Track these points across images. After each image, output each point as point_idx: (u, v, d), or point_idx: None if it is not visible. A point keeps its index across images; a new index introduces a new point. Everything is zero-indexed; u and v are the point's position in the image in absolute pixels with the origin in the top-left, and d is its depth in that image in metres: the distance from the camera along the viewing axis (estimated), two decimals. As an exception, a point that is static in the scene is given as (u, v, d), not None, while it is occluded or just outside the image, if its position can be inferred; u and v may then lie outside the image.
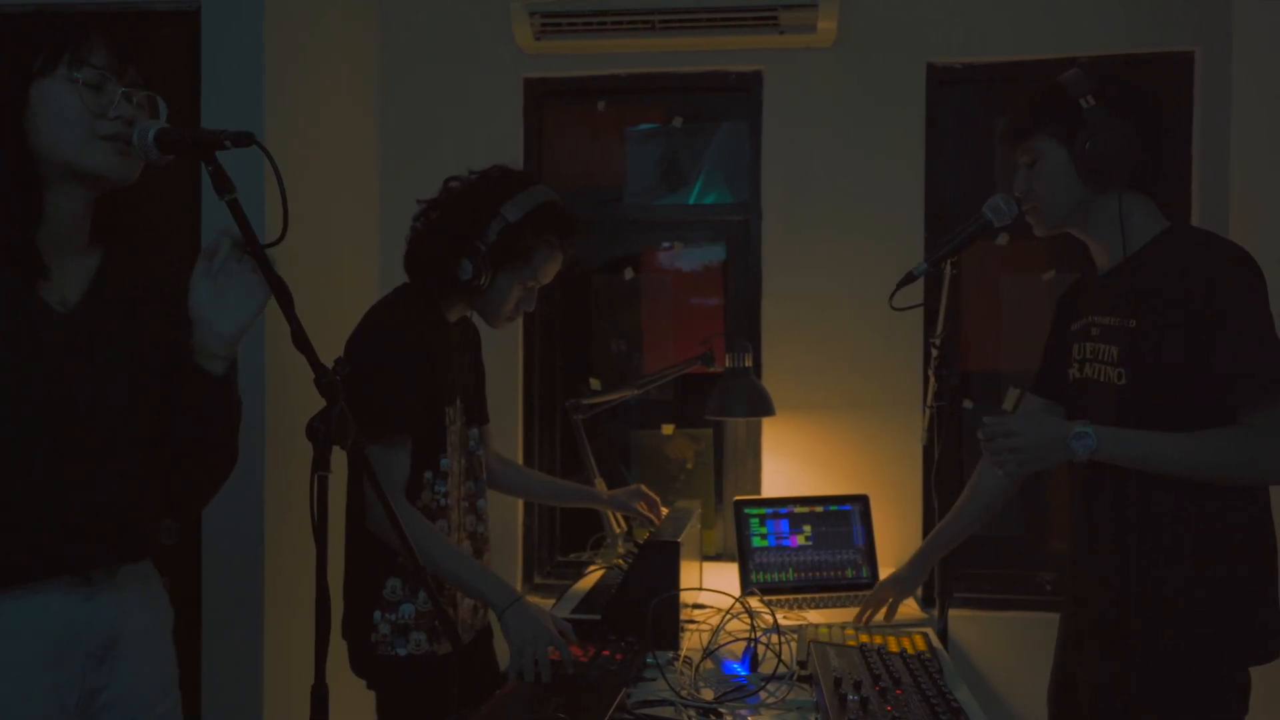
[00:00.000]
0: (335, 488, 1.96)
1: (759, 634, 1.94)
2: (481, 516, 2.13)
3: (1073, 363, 1.83)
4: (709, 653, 1.95)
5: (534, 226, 1.98)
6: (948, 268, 1.96)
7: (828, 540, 2.60)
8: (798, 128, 2.99)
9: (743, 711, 1.72)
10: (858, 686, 1.62)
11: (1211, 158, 2.69)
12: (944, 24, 2.93)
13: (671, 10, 2.82)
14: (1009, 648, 2.88)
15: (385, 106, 3.11)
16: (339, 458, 1.54)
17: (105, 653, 1.43)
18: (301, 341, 1.41)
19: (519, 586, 3.08)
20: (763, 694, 1.77)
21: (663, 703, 1.72)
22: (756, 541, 2.57)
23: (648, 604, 1.98)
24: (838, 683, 1.64)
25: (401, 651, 1.92)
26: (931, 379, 2.13)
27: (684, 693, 1.76)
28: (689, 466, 3.23)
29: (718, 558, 3.04)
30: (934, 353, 2.11)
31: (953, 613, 2.89)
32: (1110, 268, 1.75)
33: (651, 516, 2.55)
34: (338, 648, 2.03)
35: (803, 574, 2.56)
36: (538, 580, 3.13)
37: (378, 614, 1.93)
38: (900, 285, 1.97)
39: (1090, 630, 1.79)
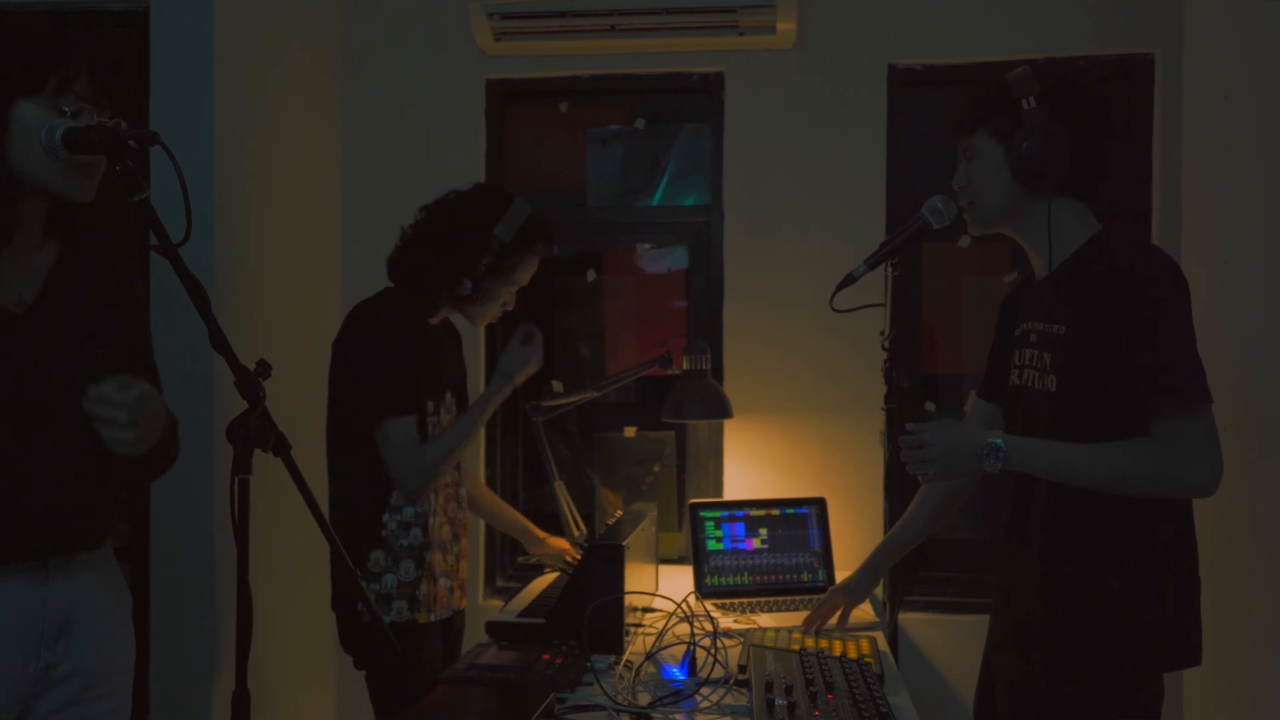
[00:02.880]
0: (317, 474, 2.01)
1: (699, 638, 1.92)
2: (461, 503, 2.31)
3: (1013, 368, 1.81)
4: (649, 656, 1.94)
5: (521, 243, 2.22)
6: (888, 269, 1.95)
7: (784, 543, 2.59)
8: (760, 129, 2.98)
9: (678, 716, 1.71)
10: (789, 691, 1.61)
11: (1171, 159, 2.69)
12: (905, 25, 2.92)
13: (630, 11, 2.81)
14: (969, 650, 2.84)
15: (346, 107, 3.09)
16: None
17: (59, 632, 1.50)
18: (220, 342, 1.41)
19: (481, 589, 3.08)
20: (700, 699, 1.75)
21: (595, 708, 1.71)
22: (712, 545, 2.56)
23: (595, 608, 1.98)
24: (769, 687, 1.62)
25: (386, 618, 2.08)
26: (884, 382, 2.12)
27: (620, 698, 1.75)
28: (656, 469, 3.21)
29: (680, 561, 3.03)
30: (884, 355, 2.10)
31: (912, 615, 2.92)
32: (1046, 273, 1.74)
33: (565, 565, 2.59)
34: (328, 621, 2.16)
35: (758, 577, 2.55)
36: (499, 583, 3.11)
37: (362, 584, 2.08)
38: (840, 287, 1.96)
39: (1011, 630, 1.78)
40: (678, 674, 1.87)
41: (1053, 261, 1.71)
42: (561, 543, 2.58)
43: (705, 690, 1.77)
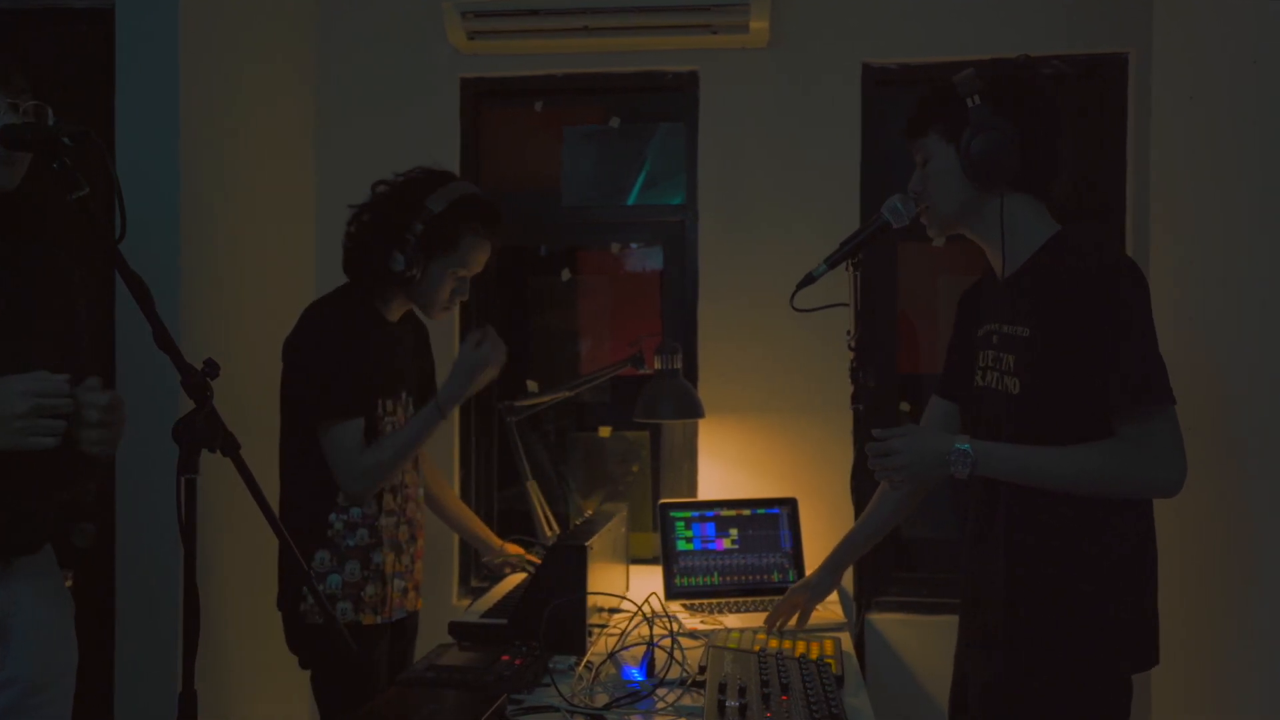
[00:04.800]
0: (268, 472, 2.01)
1: (659, 639, 1.92)
2: (419, 504, 2.28)
3: (977, 369, 1.81)
4: (609, 656, 1.93)
5: (457, 215, 2.11)
6: (849, 269, 1.94)
7: (754, 544, 2.58)
8: (734, 128, 2.97)
9: (634, 717, 1.70)
10: (741, 692, 1.60)
11: (1144, 159, 2.68)
12: (879, 25, 2.91)
13: (603, 10, 2.80)
14: (944, 650, 2.83)
15: (320, 106, 3.08)
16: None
17: None
18: (164, 341, 1.40)
19: (454, 589, 3.07)
20: (657, 700, 1.75)
21: (549, 709, 1.70)
22: (681, 545, 2.56)
23: (554, 608, 1.97)
24: (722, 688, 1.62)
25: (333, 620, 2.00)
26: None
27: (578, 699, 1.74)
28: (635, 469, 3.21)
29: (654, 561, 3.01)
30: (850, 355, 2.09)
31: (887, 615, 2.91)
32: (1008, 274, 1.74)
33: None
34: (274, 622, 2.13)
35: (728, 578, 2.54)
36: (474, 583, 3.11)
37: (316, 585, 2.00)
38: (800, 286, 1.95)
39: (979, 631, 1.78)
40: (636, 675, 1.86)
41: (1008, 258, 1.71)
42: (517, 549, 2.56)
43: (662, 691, 1.76)
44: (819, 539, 2.73)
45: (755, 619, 2.30)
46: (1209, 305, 2.16)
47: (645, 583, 2.54)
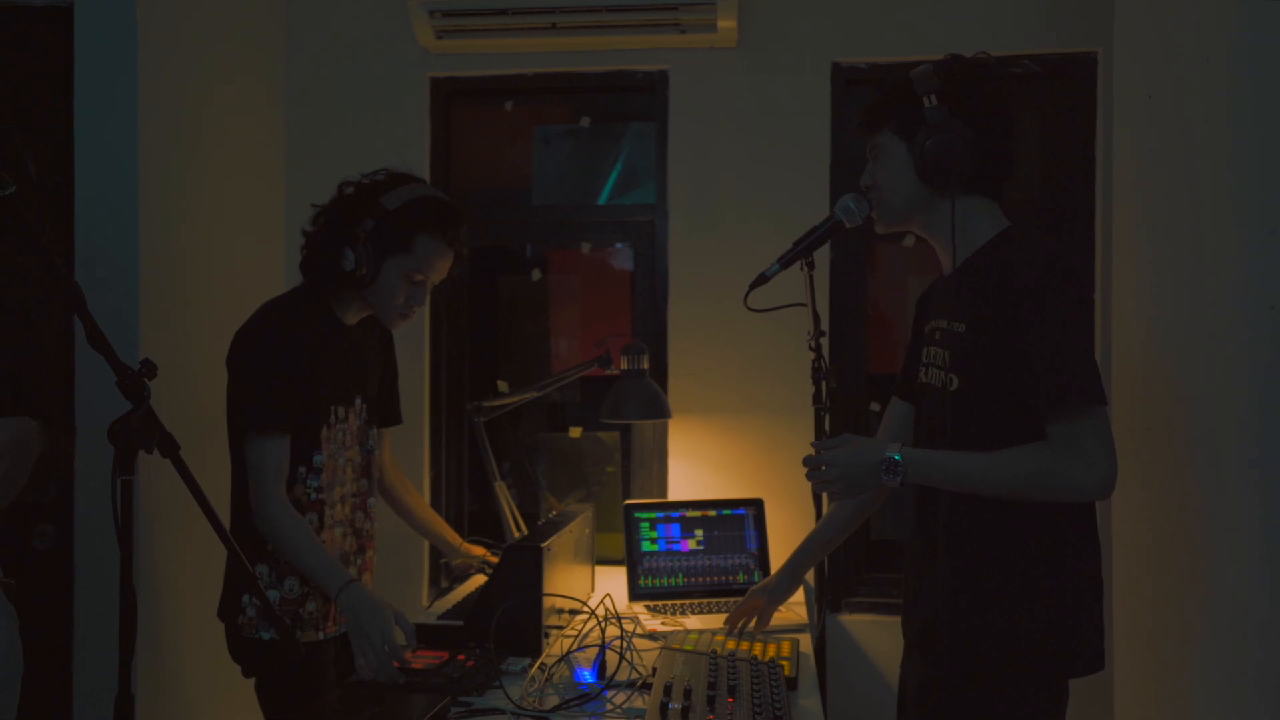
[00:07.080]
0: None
1: (610, 641, 1.91)
2: (370, 514, 2.20)
3: (921, 366, 1.80)
4: (562, 659, 1.92)
5: (411, 214, 2.03)
6: (804, 269, 1.93)
7: (719, 545, 2.57)
8: (704, 127, 2.96)
9: (581, 720, 1.70)
10: (687, 695, 1.60)
11: (1112, 157, 2.67)
12: (849, 24, 2.91)
13: (571, 9, 2.79)
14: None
15: (289, 107, 3.07)
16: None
17: None
18: (99, 341, 1.39)
19: (424, 591, 3.05)
20: (608, 703, 1.74)
21: (495, 711, 1.69)
22: (646, 546, 2.54)
23: (511, 609, 1.96)
24: (668, 690, 1.61)
25: (265, 635, 2.00)
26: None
27: (528, 701, 1.73)
28: (610, 470, 3.20)
29: (623, 562, 3.01)
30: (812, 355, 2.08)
31: (856, 616, 2.90)
32: (951, 270, 1.73)
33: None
34: (217, 630, 2.08)
35: (692, 579, 2.53)
36: (443, 584, 3.09)
37: (245, 598, 2.00)
38: (753, 286, 1.94)
39: (918, 633, 1.77)
40: (588, 677, 1.85)
41: (957, 259, 1.70)
42: (480, 550, 2.54)
43: (611, 693, 1.75)
44: (785, 540, 2.72)
45: (716, 620, 2.28)
46: (1173, 306, 2.15)
47: (614, 584, 2.53)
